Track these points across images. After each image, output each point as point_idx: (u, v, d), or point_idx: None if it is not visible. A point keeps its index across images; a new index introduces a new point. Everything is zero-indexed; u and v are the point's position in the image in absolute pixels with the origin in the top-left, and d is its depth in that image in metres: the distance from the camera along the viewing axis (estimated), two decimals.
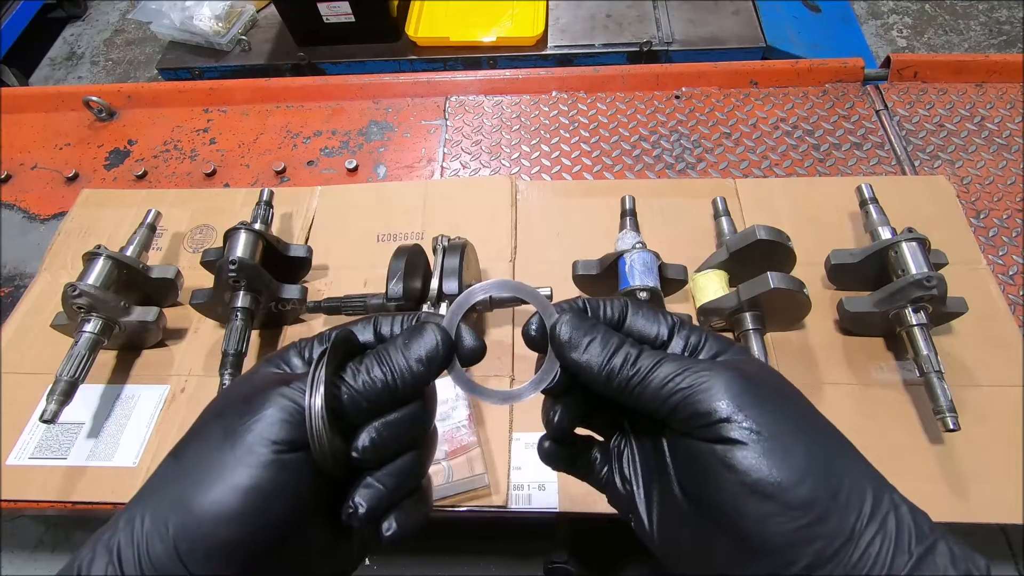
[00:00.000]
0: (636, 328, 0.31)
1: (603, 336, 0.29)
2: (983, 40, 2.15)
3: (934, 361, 0.58)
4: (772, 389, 0.27)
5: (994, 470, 0.59)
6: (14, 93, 1.06)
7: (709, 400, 0.26)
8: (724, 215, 0.73)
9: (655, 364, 0.28)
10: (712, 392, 0.26)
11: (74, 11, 2.68)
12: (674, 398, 0.27)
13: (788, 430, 0.25)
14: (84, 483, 0.64)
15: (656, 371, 0.28)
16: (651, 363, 0.28)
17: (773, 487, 0.24)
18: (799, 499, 0.23)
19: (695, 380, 0.27)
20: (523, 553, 1.11)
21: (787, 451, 0.25)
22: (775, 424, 0.25)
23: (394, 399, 0.28)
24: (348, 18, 1.51)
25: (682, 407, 0.27)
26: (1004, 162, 0.85)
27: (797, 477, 0.24)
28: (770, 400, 0.26)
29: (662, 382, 0.27)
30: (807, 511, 0.23)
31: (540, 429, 0.34)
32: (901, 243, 0.63)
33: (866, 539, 0.23)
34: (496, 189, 0.83)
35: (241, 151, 0.96)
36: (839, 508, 0.23)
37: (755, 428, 0.25)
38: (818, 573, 0.23)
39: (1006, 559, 1.08)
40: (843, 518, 0.23)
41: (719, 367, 0.27)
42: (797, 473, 0.24)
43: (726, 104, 0.95)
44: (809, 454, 0.25)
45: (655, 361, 0.28)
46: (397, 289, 0.61)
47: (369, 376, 0.28)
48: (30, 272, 0.84)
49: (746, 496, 0.24)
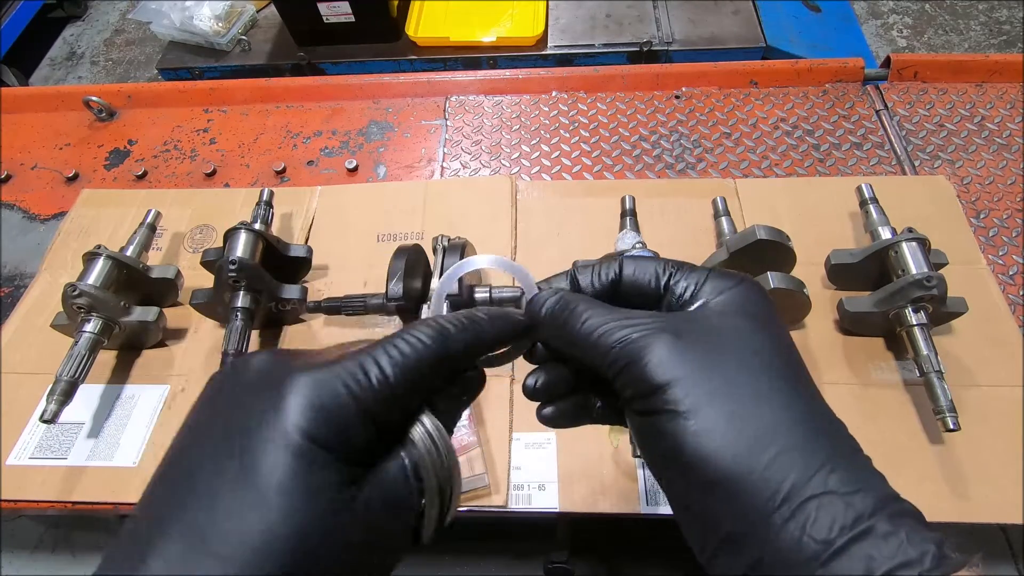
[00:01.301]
0: (628, 285, 0.31)
1: (565, 297, 0.30)
2: (983, 40, 2.15)
3: (934, 361, 0.58)
4: (724, 347, 0.25)
5: (994, 470, 0.59)
6: (14, 93, 1.06)
7: (641, 367, 0.25)
8: (724, 215, 0.73)
9: (587, 316, 0.28)
10: (645, 358, 0.25)
11: (74, 11, 2.68)
12: (611, 356, 0.26)
13: (719, 400, 0.24)
14: (84, 483, 0.64)
15: (588, 322, 0.27)
16: (586, 314, 0.28)
17: (690, 460, 0.23)
18: (709, 476, 0.23)
19: (627, 339, 0.26)
20: (523, 553, 1.11)
21: (711, 424, 0.23)
22: (700, 390, 0.24)
23: None
24: (348, 18, 1.51)
25: (622, 374, 0.26)
26: (1004, 162, 0.85)
27: (710, 452, 0.23)
28: (710, 364, 0.25)
29: (594, 333, 0.27)
30: (715, 488, 0.23)
31: (540, 429, 0.34)
32: (901, 243, 0.63)
33: (777, 522, 0.21)
34: (496, 189, 0.83)
35: (241, 151, 0.96)
36: (748, 490, 0.22)
37: (678, 398, 0.24)
38: (726, 554, 0.22)
39: (1006, 559, 1.08)
40: (752, 498, 0.22)
41: (658, 326, 0.26)
42: (712, 448, 0.23)
43: (726, 104, 0.95)
44: (732, 428, 0.23)
45: (589, 312, 0.28)
46: (397, 289, 0.61)
47: None
48: (30, 272, 0.84)
49: (668, 466, 0.24)
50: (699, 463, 0.23)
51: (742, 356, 0.25)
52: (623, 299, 0.31)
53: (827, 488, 0.21)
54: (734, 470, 0.22)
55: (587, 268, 0.32)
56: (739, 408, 0.24)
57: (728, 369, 0.25)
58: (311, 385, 0.23)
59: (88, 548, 1.27)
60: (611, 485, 0.60)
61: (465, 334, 0.27)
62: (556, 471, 0.62)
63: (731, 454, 0.23)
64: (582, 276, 0.32)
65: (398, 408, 0.25)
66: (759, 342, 0.26)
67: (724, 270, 0.29)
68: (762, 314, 0.27)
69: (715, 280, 0.28)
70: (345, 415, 0.23)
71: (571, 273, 0.32)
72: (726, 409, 0.24)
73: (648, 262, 0.31)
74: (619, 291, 0.31)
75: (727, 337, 0.26)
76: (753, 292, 0.28)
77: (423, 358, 0.25)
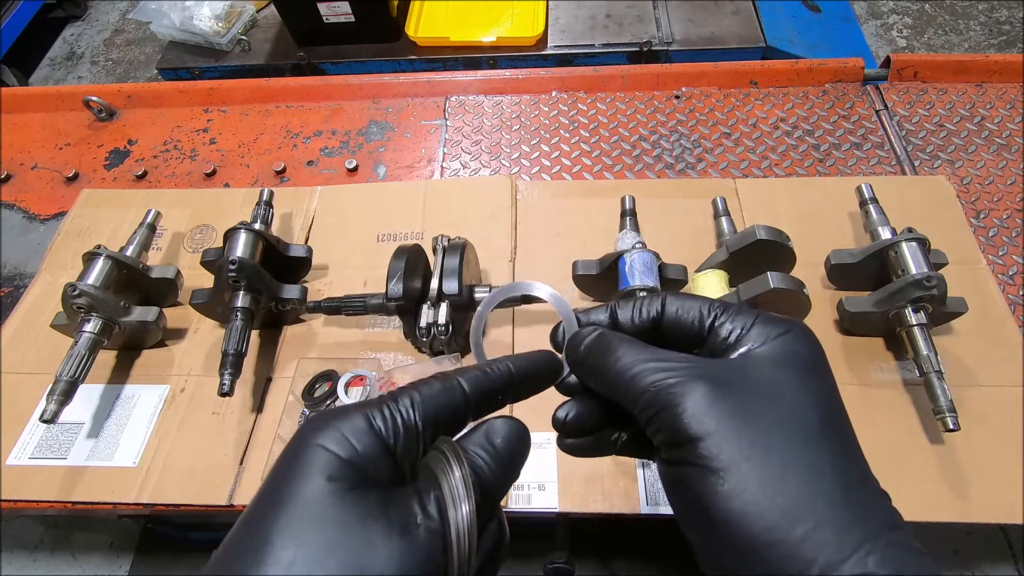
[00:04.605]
0: (671, 324, 0.30)
1: (603, 338, 0.29)
2: (983, 40, 2.16)
3: (934, 361, 0.58)
4: (764, 403, 0.24)
5: (994, 470, 0.59)
6: (14, 93, 1.06)
7: (675, 415, 0.24)
8: (724, 215, 0.73)
9: (621, 354, 0.27)
10: (680, 406, 0.24)
11: (74, 11, 2.68)
12: (644, 400, 0.25)
13: (754, 461, 0.22)
14: (84, 483, 0.64)
15: (621, 361, 0.27)
16: (619, 352, 0.27)
17: (718, 520, 0.22)
18: (737, 539, 0.22)
19: (662, 384, 0.25)
20: (523, 553, 1.11)
21: (744, 487, 0.22)
22: (735, 449, 0.23)
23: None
24: (348, 18, 1.51)
25: (653, 420, 0.25)
26: (1004, 162, 0.85)
27: (740, 517, 0.22)
28: (747, 420, 0.23)
29: (627, 372, 0.26)
30: (742, 552, 0.22)
31: (540, 429, 0.34)
32: (901, 243, 0.63)
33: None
34: (496, 189, 0.83)
35: (241, 151, 0.96)
36: (777, 562, 0.21)
37: (711, 454, 0.23)
38: None
39: (1006, 559, 1.08)
40: (781, 571, 0.21)
41: (695, 372, 0.25)
42: (743, 512, 0.22)
43: (726, 104, 0.95)
44: (766, 494, 0.22)
45: (622, 351, 0.27)
46: (397, 289, 0.61)
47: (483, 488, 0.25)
48: (30, 272, 0.84)
49: (695, 518, 0.23)
50: (728, 525, 0.22)
51: (783, 414, 0.24)
52: (664, 337, 0.30)
53: (865, 571, 0.20)
54: (765, 539, 0.21)
55: (628, 303, 0.31)
56: (775, 473, 0.22)
57: (766, 427, 0.23)
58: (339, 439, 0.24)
59: (88, 548, 1.27)
60: (611, 485, 0.60)
61: (495, 382, 0.28)
62: (556, 471, 0.62)
63: (762, 523, 0.21)
64: (622, 311, 0.31)
65: (421, 449, 0.25)
66: (802, 399, 0.25)
67: (774, 315, 0.28)
68: (809, 366, 0.26)
69: (763, 326, 0.27)
70: (372, 462, 0.24)
71: (611, 307, 0.32)
72: (761, 473, 0.22)
73: (693, 301, 0.29)
74: (661, 329, 0.30)
75: (769, 391, 0.25)
76: (801, 341, 0.27)
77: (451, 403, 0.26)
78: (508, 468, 0.26)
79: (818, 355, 0.27)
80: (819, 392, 0.25)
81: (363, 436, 0.24)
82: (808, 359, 0.26)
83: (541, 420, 0.31)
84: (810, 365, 0.26)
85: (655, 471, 0.61)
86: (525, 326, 0.72)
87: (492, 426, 0.27)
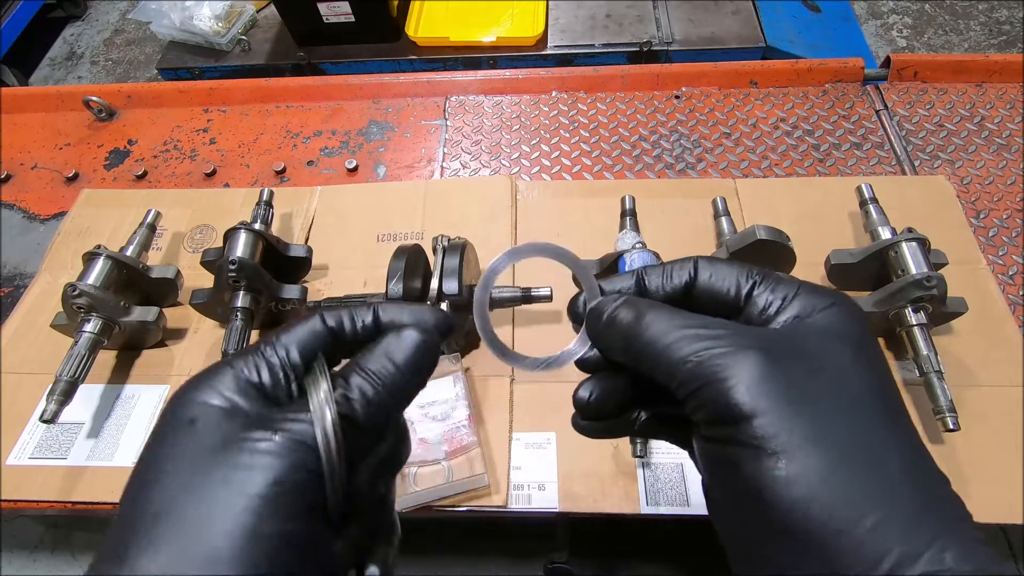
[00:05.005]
0: (703, 292, 0.27)
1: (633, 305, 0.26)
2: (983, 40, 2.16)
3: (934, 361, 0.58)
4: (823, 379, 0.22)
5: (994, 470, 0.59)
6: (14, 93, 1.06)
7: (723, 390, 0.22)
8: (724, 215, 0.73)
9: (652, 321, 0.25)
10: (729, 380, 0.22)
11: (74, 11, 2.68)
12: (683, 372, 0.23)
13: (816, 444, 0.21)
14: (84, 483, 0.64)
15: (651, 328, 0.24)
16: (649, 318, 0.25)
17: (774, 505, 0.20)
18: (795, 527, 0.20)
19: (705, 354, 0.23)
20: (523, 553, 1.11)
21: (805, 472, 0.20)
22: (794, 430, 0.21)
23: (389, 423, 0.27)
24: (348, 18, 1.51)
25: (695, 395, 0.23)
26: (1004, 162, 0.85)
27: (801, 503, 0.20)
28: (806, 398, 0.21)
29: (659, 342, 0.24)
30: (799, 541, 0.20)
31: (540, 429, 0.34)
32: (901, 243, 0.63)
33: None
34: (496, 189, 0.83)
35: (241, 151, 0.96)
36: (844, 552, 0.19)
37: (766, 434, 0.21)
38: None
39: (1006, 559, 1.08)
40: (849, 563, 0.19)
41: (745, 342, 0.23)
42: (805, 499, 0.20)
43: (726, 104, 0.95)
44: (830, 481, 0.20)
45: (653, 317, 0.25)
46: (397, 289, 0.61)
47: (367, 401, 0.25)
48: (30, 272, 0.84)
49: (741, 502, 0.22)
50: (786, 511, 0.20)
51: (843, 393, 0.22)
52: (695, 307, 0.27)
53: (943, 567, 0.19)
54: (830, 527, 0.19)
55: (657, 268, 0.28)
56: (838, 457, 0.20)
57: (826, 407, 0.21)
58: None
59: (88, 548, 1.27)
60: (611, 485, 0.60)
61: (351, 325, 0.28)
62: (556, 471, 0.62)
63: (828, 510, 0.20)
64: (650, 277, 0.28)
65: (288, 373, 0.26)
66: (862, 379, 0.23)
67: (817, 285, 0.25)
68: (863, 342, 0.24)
69: (807, 296, 0.25)
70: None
71: (638, 273, 0.29)
72: (823, 457, 0.20)
73: (729, 267, 0.27)
74: (692, 297, 0.28)
75: (826, 367, 0.22)
76: (852, 316, 0.24)
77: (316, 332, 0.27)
78: (398, 377, 0.26)
79: (867, 331, 0.24)
80: (875, 370, 0.23)
81: (229, 381, 0.24)
82: (862, 336, 0.24)
83: (540, 420, 0.31)
84: (863, 341, 0.24)
85: (655, 471, 0.61)
86: (525, 326, 0.72)
87: (381, 341, 0.27)
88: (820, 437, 0.21)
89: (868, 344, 0.24)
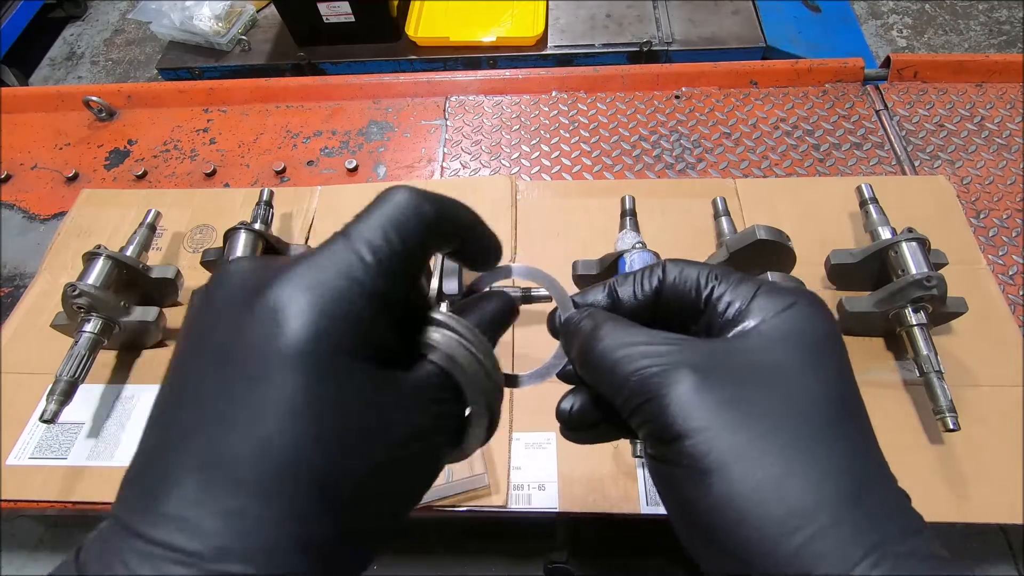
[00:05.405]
0: (670, 294, 0.26)
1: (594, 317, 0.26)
2: (983, 40, 2.16)
3: (934, 361, 0.58)
4: (764, 390, 0.21)
5: (994, 470, 0.59)
6: (14, 93, 1.06)
7: (659, 408, 0.21)
8: (724, 215, 0.73)
9: (604, 335, 0.24)
10: (665, 397, 0.21)
11: (74, 11, 2.68)
12: (627, 388, 0.23)
13: (749, 460, 0.20)
14: (84, 483, 0.64)
15: (603, 343, 0.24)
16: (603, 333, 0.24)
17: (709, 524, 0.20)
18: (729, 546, 0.20)
19: (646, 370, 0.22)
20: (523, 553, 1.11)
21: (737, 489, 0.20)
22: (727, 448, 0.20)
23: None
24: (348, 18, 1.51)
25: (637, 412, 0.22)
26: (1004, 162, 0.85)
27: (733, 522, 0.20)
28: (743, 412, 0.21)
29: (609, 357, 0.23)
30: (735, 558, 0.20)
31: (540, 429, 0.34)
32: (901, 243, 0.63)
33: None
34: (496, 189, 0.83)
35: (241, 151, 0.96)
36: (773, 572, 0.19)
37: (698, 452, 0.20)
38: None
39: (1006, 559, 1.08)
40: None
41: (681, 357, 0.22)
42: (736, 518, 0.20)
43: (726, 104, 0.95)
44: (761, 498, 0.20)
45: (605, 331, 0.24)
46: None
47: None
48: (30, 272, 0.84)
49: (685, 519, 0.22)
50: (719, 529, 0.20)
51: (785, 403, 0.21)
52: (663, 311, 0.26)
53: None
54: (759, 549, 0.19)
55: (629, 277, 0.27)
56: (774, 473, 0.20)
57: (765, 420, 0.21)
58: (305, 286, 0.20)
59: None
60: (611, 485, 0.60)
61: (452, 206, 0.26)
62: (556, 471, 0.62)
63: (757, 530, 0.19)
64: (623, 287, 0.27)
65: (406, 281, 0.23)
66: (809, 385, 0.22)
67: (779, 285, 0.24)
68: (818, 344, 0.23)
69: (766, 297, 0.24)
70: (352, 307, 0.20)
71: (610, 285, 0.28)
72: (757, 474, 0.20)
73: (693, 267, 0.26)
74: (659, 302, 0.27)
75: (769, 377, 0.22)
76: (810, 316, 0.23)
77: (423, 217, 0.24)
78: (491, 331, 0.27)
79: (827, 330, 0.23)
80: (828, 375, 0.22)
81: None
82: (817, 335, 0.23)
83: (540, 420, 0.31)
84: (819, 343, 0.23)
85: None
86: (525, 326, 0.72)
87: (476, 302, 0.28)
88: (756, 453, 0.20)
89: (826, 345, 0.23)
